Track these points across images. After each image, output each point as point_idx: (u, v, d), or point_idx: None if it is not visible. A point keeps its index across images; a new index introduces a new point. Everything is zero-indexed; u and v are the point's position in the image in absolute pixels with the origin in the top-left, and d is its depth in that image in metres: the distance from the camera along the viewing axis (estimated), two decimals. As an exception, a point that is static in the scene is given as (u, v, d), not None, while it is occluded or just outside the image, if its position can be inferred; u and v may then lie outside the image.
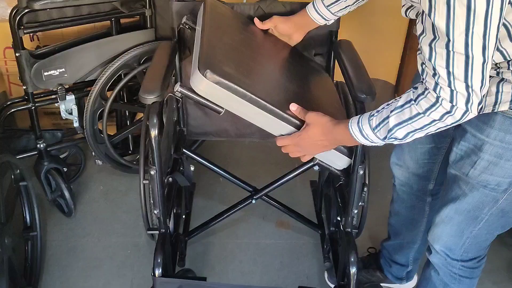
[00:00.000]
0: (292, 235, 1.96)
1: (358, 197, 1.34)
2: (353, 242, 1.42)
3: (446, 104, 0.95)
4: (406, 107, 1.02)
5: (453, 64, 0.91)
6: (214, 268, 1.82)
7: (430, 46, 0.93)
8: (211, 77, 1.09)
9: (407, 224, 1.60)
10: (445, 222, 1.27)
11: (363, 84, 1.27)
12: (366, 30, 2.18)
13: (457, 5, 0.85)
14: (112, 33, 1.85)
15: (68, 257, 1.83)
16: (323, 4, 1.38)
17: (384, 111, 1.07)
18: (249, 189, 1.68)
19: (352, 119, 1.14)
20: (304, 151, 1.25)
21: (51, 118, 2.27)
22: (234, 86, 1.11)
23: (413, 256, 1.66)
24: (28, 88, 1.74)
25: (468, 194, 1.19)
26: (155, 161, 1.27)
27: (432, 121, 0.99)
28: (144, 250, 1.87)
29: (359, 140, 1.13)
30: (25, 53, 1.68)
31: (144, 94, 1.19)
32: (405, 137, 1.06)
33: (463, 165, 1.17)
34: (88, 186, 2.15)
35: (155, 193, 1.32)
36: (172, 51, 1.41)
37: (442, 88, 0.94)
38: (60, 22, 1.73)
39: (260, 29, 1.47)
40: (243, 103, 1.14)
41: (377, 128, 1.08)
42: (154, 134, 1.22)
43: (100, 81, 1.80)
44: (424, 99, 0.98)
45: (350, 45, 1.48)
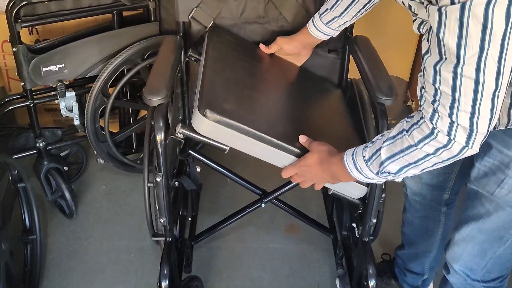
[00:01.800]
0: (302, 240, 1.87)
1: (376, 206, 1.25)
2: (371, 252, 1.34)
3: (442, 137, 0.85)
4: (398, 138, 0.93)
5: (460, 91, 0.80)
6: (221, 273, 1.74)
7: (435, 68, 0.82)
8: (211, 116, 1.07)
9: (422, 234, 1.52)
10: (466, 241, 1.18)
11: (383, 85, 1.18)
12: (379, 25, 2.08)
13: (471, 23, 0.73)
14: (114, 26, 1.76)
15: (69, 261, 1.76)
16: (321, 22, 1.33)
17: (377, 142, 0.99)
18: (258, 192, 1.60)
19: (348, 151, 1.06)
20: (310, 180, 1.18)
21: (52, 115, 2.19)
22: (235, 123, 1.09)
23: (429, 265, 1.57)
24: (26, 84, 1.66)
25: (493, 213, 1.09)
26: (161, 167, 1.19)
27: (426, 155, 0.90)
28: (149, 255, 1.79)
29: (353, 174, 1.05)
30: (22, 48, 1.59)
31: (149, 96, 1.11)
32: (399, 172, 0.96)
33: (488, 183, 1.07)
34: (90, 186, 2.08)
35: (161, 200, 1.25)
36: (177, 47, 1.32)
37: (440, 118, 0.84)
38: (59, 15, 1.63)
39: (267, 54, 1.43)
40: (246, 139, 1.11)
41: (370, 160, 0.99)
42: (160, 138, 1.14)
43: (101, 77, 1.71)
44: (417, 129, 0.89)
45: (367, 41, 1.39)
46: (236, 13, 1.42)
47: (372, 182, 1.08)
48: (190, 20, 1.40)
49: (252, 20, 1.44)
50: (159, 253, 1.77)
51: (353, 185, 1.20)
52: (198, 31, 1.42)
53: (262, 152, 1.14)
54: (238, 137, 1.11)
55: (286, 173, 1.19)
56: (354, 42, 1.41)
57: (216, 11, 1.40)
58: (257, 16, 1.44)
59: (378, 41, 1.43)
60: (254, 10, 1.43)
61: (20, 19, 1.56)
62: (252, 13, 1.43)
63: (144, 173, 1.36)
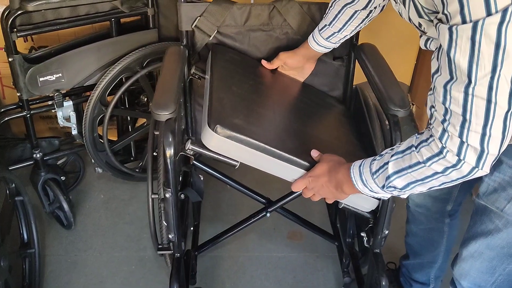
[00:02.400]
0: (305, 248, 1.85)
1: (389, 217, 1.23)
2: (383, 264, 1.32)
3: (451, 157, 0.83)
4: (407, 153, 0.91)
5: (471, 111, 0.78)
6: (224, 284, 1.71)
7: (445, 88, 0.80)
8: (221, 132, 1.07)
9: (426, 245, 1.50)
10: (474, 257, 1.15)
11: (396, 96, 1.16)
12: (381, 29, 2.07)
13: (483, 42, 0.71)
14: (112, 34, 1.72)
15: (68, 274, 1.72)
16: (321, 37, 1.32)
17: (385, 156, 0.97)
18: (262, 201, 1.57)
19: (355, 162, 1.04)
20: (318, 193, 1.15)
21: (47, 122, 2.14)
22: (246, 138, 1.09)
23: (435, 274, 1.55)
24: (23, 95, 1.62)
25: (503, 230, 1.07)
26: (170, 183, 1.16)
27: (434, 173, 0.88)
28: (150, 265, 1.76)
29: (357, 186, 1.03)
30: (18, 58, 1.55)
31: (157, 110, 1.08)
32: (405, 188, 0.95)
33: (497, 199, 1.05)
34: (88, 195, 2.04)
35: (170, 216, 1.22)
36: (182, 57, 1.29)
37: (450, 138, 0.82)
38: (56, 23, 1.60)
39: (269, 70, 1.43)
40: (257, 154, 1.10)
41: (376, 173, 0.98)
42: (170, 154, 1.11)
43: (100, 86, 1.68)
44: (426, 147, 0.87)
45: (374, 49, 1.38)
46: (240, 21, 1.40)
47: (376, 196, 1.06)
48: (193, 29, 1.36)
49: (256, 27, 1.41)
50: (160, 263, 1.76)
51: (364, 197, 1.18)
52: (202, 40, 1.39)
53: (272, 166, 1.13)
54: (248, 152, 1.10)
55: (296, 186, 1.17)
56: (361, 50, 1.39)
57: (220, 19, 1.37)
58: (261, 23, 1.41)
59: (380, 45, 1.42)
60: (259, 18, 1.40)
61: (16, 28, 1.52)
62: (257, 21, 1.41)
63: (148, 185, 1.34)
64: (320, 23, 1.32)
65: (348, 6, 1.24)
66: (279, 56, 1.42)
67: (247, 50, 1.45)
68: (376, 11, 1.27)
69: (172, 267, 1.32)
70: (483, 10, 0.69)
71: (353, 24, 1.29)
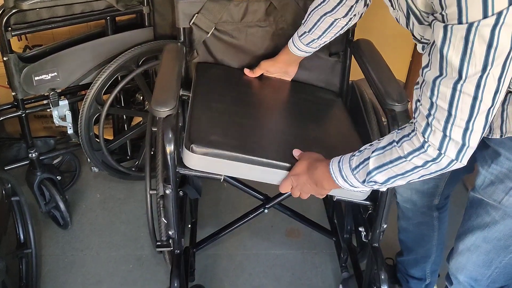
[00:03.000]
0: (303, 245, 1.85)
1: (387, 211, 1.23)
2: (382, 258, 1.33)
3: (432, 151, 0.86)
4: (388, 148, 0.93)
5: (457, 106, 0.80)
6: (222, 282, 1.71)
7: (434, 83, 0.82)
8: (198, 150, 1.12)
9: (418, 240, 1.52)
10: (471, 250, 1.16)
11: (393, 91, 1.17)
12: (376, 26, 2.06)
13: (476, 41, 0.73)
14: (107, 32, 1.71)
15: (65, 274, 1.71)
16: (302, 43, 1.34)
17: (365, 152, 0.98)
18: (260, 197, 1.57)
19: (334, 158, 1.06)
20: (304, 192, 1.16)
21: (42, 122, 2.13)
22: (222, 152, 1.13)
23: (430, 269, 1.56)
24: (18, 94, 1.61)
25: (500, 222, 1.08)
26: (170, 179, 1.16)
27: (414, 168, 0.90)
28: (148, 264, 1.75)
29: (338, 181, 1.04)
30: (13, 57, 1.53)
31: (157, 107, 1.08)
32: (386, 183, 0.97)
33: (495, 191, 1.06)
34: (84, 194, 2.03)
35: (170, 213, 1.22)
36: (180, 54, 1.29)
37: (433, 132, 0.84)
38: (51, 22, 1.58)
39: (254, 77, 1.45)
40: (236, 164, 1.14)
41: (356, 169, 0.99)
42: (170, 150, 1.12)
43: (95, 85, 1.66)
44: (407, 142, 0.89)
45: (371, 45, 1.38)
46: (237, 17, 1.40)
47: (356, 191, 1.08)
48: (191, 26, 1.36)
49: (253, 23, 1.42)
50: (158, 262, 1.75)
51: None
52: (200, 37, 1.39)
53: (255, 173, 1.16)
54: (228, 164, 1.14)
55: (283, 187, 1.18)
56: (357, 45, 1.39)
57: (217, 16, 1.37)
58: (258, 19, 1.42)
59: (375, 42, 1.42)
60: (255, 14, 1.40)
61: (11, 27, 1.50)
62: (253, 17, 1.41)
63: (146, 182, 1.33)
64: (299, 29, 1.33)
65: (328, 15, 1.26)
66: (261, 66, 1.44)
67: (244, 46, 1.45)
68: (356, 18, 1.29)
69: (172, 263, 1.32)
70: (480, 12, 0.71)
71: (332, 31, 1.30)
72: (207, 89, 1.34)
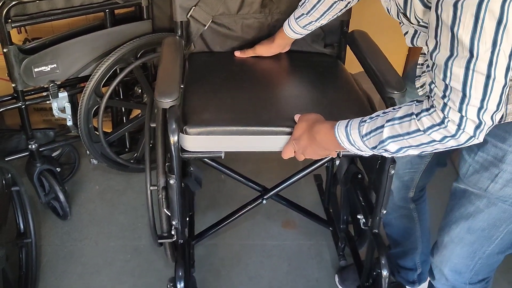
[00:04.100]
0: (298, 236, 1.88)
1: (387, 197, 1.26)
2: (383, 243, 1.36)
3: (452, 126, 0.86)
4: (406, 120, 0.92)
5: (471, 86, 0.81)
6: (219, 272, 1.74)
7: (446, 64, 0.82)
8: (191, 131, 1.13)
9: (402, 233, 1.54)
10: (455, 242, 1.17)
11: (392, 79, 1.19)
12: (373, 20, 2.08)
13: (487, 18, 0.74)
14: (106, 25, 1.73)
15: (64, 263, 1.74)
16: (298, 26, 1.34)
17: (378, 119, 0.97)
18: (258, 189, 1.60)
19: (340, 122, 1.05)
20: (307, 154, 1.15)
21: (41, 114, 2.15)
22: (215, 128, 1.14)
23: (420, 259, 1.59)
24: (18, 86, 1.62)
25: (484, 211, 1.09)
26: (174, 170, 1.18)
27: (431, 141, 0.90)
28: (145, 255, 1.78)
29: (343, 145, 1.03)
30: (13, 49, 1.55)
31: (161, 98, 1.09)
32: (397, 152, 0.96)
33: (480, 179, 1.06)
34: (83, 186, 2.05)
35: (174, 203, 1.24)
36: (179, 47, 1.31)
37: (451, 110, 0.85)
38: (51, 14, 1.60)
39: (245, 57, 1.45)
40: (233, 138, 1.15)
41: (367, 136, 0.99)
42: (174, 140, 1.12)
43: (94, 77, 1.69)
44: (427, 117, 0.89)
45: (366, 36, 1.40)
46: (233, 10, 1.41)
47: (360, 154, 1.07)
48: (188, 19, 1.38)
49: (249, 15, 1.43)
50: (155, 252, 1.78)
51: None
52: (197, 30, 1.41)
53: (255, 143, 1.17)
54: (224, 139, 1.15)
55: (285, 153, 1.17)
56: (352, 37, 1.41)
57: (215, 8, 1.39)
58: (254, 11, 1.43)
59: (371, 33, 1.44)
60: (251, 6, 1.42)
61: (11, 19, 1.52)
62: (249, 9, 1.42)
63: (146, 177, 1.35)
64: (296, 12, 1.33)
65: None
66: (256, 50, 1.43)
67: (240, 38, 1.47)
68: (354, 1, 1.29)
69: (177, 253, 1.34)
70: None
71: (331, 14, 1.30)
72: (199, 75, 1.35)
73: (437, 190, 1.62)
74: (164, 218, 1.35)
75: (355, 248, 1.64)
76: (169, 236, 1.36)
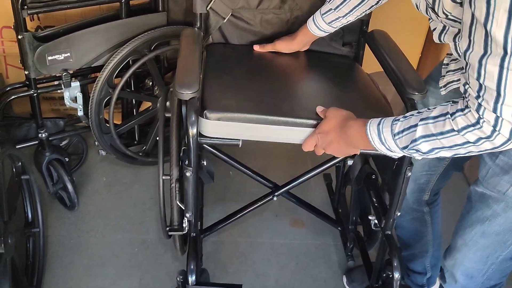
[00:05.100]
0: (307, 235, 1.87)
1: (402, 199, 1.25)
2: (396, 245, 1.35)
3: (487, 127, 0.83)
4: (440, 120, 0.90)
5: (505, 84, 0.78)
6: (226, 269, 1.72)
7: (480, 62, 0.80)
8: (211, 116, 1.12)
9: (413, 236, 1.53)
10: (469, 246, 1.16)
11: (413, 80, 1.18)
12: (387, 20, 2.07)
13: None
14: (121, 16, 1.71)
15: (71, 254, 1.72)
16: (324, 21, 1.31)
17: (412, 118, 0.96)
18: (269, 185, 1.58)
19: (372, 119, 1.03)
20: (329, 150, 1.13)
21: (50, 103, 2.14)
22: (236, 115, 1.13)
23: (430, 263, 1.57)
24: (31, 73, 1.61)
25: (501, 215, 1.08)
26: (191, 162, 1.17)
27: (465, 142, 0.88)
28: (152, 248, 1.77)
29: (373, 143, 1.02)
30: (28, 36, 1.54)
31: (181, 89, 1.08)
32: (429, 152, 0.95)
33: (499, 182, 1.05)
34: (90, 177, 2.03)
35: (189, 195, 1.23)
36: (198, 39, 1.30)
37: (486, 110, 0.82)
38: (67, 2, 1.59)
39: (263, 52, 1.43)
40: (253, 126, 1.13)
41: (399, 134, 0.97)
42: (193, 133, 1.12)
43: (107, 68, 1.67)
44: (462, 117, 0.87)
45: (386, 35, 1.39)
46: (253, 4, 1.40)
47: (389, 154, 1.05)
48: (208, 11, 1.36)
49: (268, 10, 1.42)
50: (163, 246, 1.77)
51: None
52: (216, 23, 1.39)
53: (274, 134, 1.15)
54: (244, 127, 1.13)
55: (307, 145, 1.15)
56: (372, 36, 1.40)
57: (235, 2, 1.37)
58: (273, 6, 1.42)
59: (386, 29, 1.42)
60: (271, 1, 1.41)
61: (27, 5, 1.51)
62: (269, 4, 1.41)
63: (159, 166, 1.34)
64: (323, 7, 1.30)
65: None
66: (275, 46, 1.41)
67: (259, 33, 1.45)
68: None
69: (189, 246, 1.33)
70: None
71: (360, 10, 1.27)
72: (216, 66, 1.34)
73: (448, 195, 1.61)
74: (175, 210, 1.34)
75: (365, 249, 1.63)
76: (180, 229, 1.35)
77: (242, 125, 1.13)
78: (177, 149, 1.30)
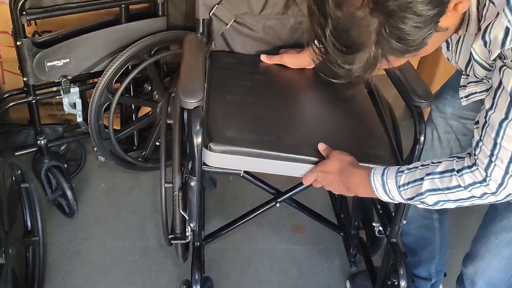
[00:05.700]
0: (309, 240, 1.85)
1: (408, 208, 1.24)
2: (401, 253, 1.34)
3: (494, 185, 0.87)
4: (446, 175, 0.93)
5: None
6: (229, 275, 1.71)
7: (500, 125, 0.83)
8: (216, 149, 1.13)
9: (421, 243, 1.53)
10: (493, 254, 1.16)
11: (419, 88, 1.18)
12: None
13: None
14: (120, 21, 1.69)
15: (71, 262, 1.70)
16: None
17: (417, 172, 0.98)
18: (272, 191, 1.57)
19: (375, 169, 1.05)
20: (327, 187, 1.17)
21: (46, 109, 2.10)
22: (240, 149, 1.14)
23: (435, 269, 1.57)
24: (30, 80, 1.58)
25: None
26: (196, 171, 1.16)
27: (471, 197, 0.91)
28: (154, 256, 1.75)
29: (377, 193, 1.04)
30: (27, 42, 1.51)
31: (186, 98, 1.07)
32: (435, 205, 0.97)
33: None
34: (89, 183, 2.01)
35: (193, 205, 1.22)
36: (201, 45, 1.29)
37: (495, 170, 0.85)
38: (66, 8, 1.56)
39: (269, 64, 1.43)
40: (255, 160, 1.13)
41: (404, 186, 0.99)
42: (198, 142, 1.11)
43: (107, 73, 1.65)
44: (469, 174, 0.89)
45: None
46: (256, 9, 1.39)
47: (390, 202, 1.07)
48: (210, 17, 1.35)
49: (271, 16, 1.41)
50: (164, 254, 1.75)
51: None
52: (219, 28, 1.38)
53: (275, 168, 1.16)
54: (247, 160, 1.15)
55: (307, 180, 1.19)
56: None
57: (239, 7, 1.36)
58: (277, 12, 1.41)
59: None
60: (275, 7, 1.40)
61: (25, 11, 1.48)
62: (272, 10, 1.40)
63: (161, 174, 1.32)
64: None
65: None
66: (282, 58, 1.41)
67: (262, 39, 1.44)
68: None
69: (193, 255, 1.32)
70: None
71: None
72: (220, 80, 1.33)
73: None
74: (178, 218, 1.33)
75: (368, 255, 1.62)
76: (183, 237, 1.34)
77: (246, 158, 1.15)
78: (179, 156, 1.28)
